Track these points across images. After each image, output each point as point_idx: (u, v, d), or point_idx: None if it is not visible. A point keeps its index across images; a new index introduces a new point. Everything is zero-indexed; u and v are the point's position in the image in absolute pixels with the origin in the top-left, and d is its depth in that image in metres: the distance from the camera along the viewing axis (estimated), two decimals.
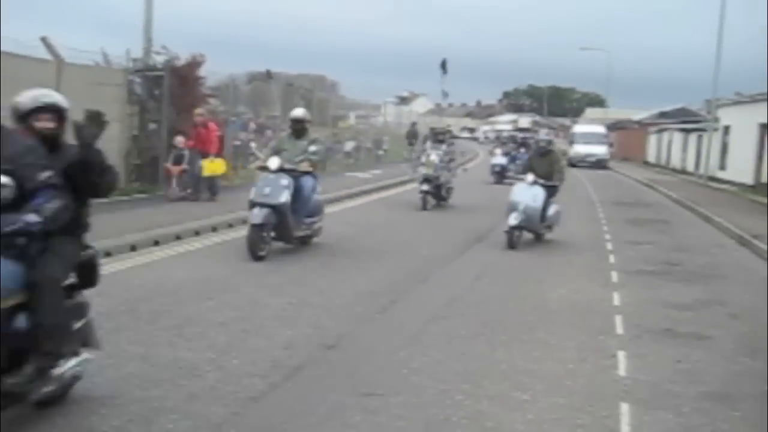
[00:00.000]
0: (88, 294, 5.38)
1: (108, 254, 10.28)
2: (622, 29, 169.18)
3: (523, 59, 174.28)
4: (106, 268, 9.57)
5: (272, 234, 10.78)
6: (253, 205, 10.71)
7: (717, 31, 33.66)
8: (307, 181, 11.33)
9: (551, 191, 13.71)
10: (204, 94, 19.35)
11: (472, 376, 6.20)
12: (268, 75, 27.63)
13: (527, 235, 13.82)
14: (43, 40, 14.79)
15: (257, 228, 10.49)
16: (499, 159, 29.90)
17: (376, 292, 9.12)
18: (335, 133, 32.28)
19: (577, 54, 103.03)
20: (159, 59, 18.05)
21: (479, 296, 9.33)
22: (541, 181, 13.51)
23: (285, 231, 10.96)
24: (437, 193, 18.79)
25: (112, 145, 16.85)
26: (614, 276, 11.08)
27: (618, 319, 8.45)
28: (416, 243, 13.10)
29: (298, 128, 11.85)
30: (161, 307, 7.73)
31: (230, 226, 13.60)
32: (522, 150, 30.17)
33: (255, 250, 10.46)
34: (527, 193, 13.23)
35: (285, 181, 10.85)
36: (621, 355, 7.08)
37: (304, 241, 11.80)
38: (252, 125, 25.37)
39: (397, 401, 5.51)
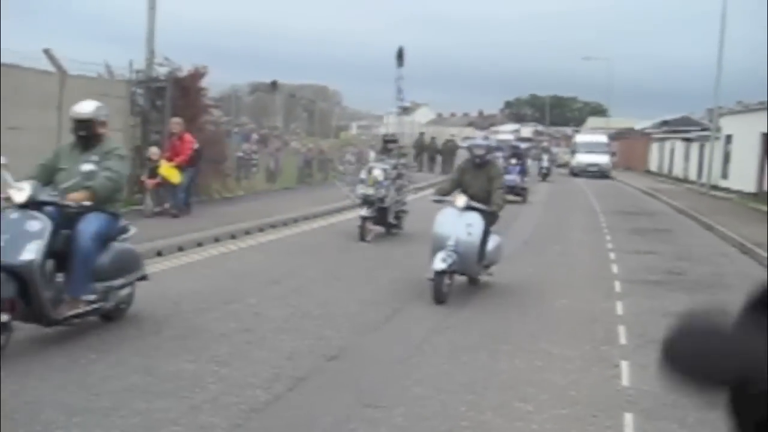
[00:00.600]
0: None
1: None
2: (623, 38, 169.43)
3: (525, 69, 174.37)
4: None
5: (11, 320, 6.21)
6: None
7: (718, 40, 33.70)
8: (89, 224, 6.95)
9: (491, 218, 9.93)
10: (206, 105, 19.40)
11: (475, 387, 6.19)
12: (274, 86, 27.69)
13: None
14: (46, 52, 14.84)
15: None
16: None
17: (379, 301, 9.12)
18: (341, 146, 32.27)
19: (579, 63, 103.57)
20: (161, 70, 18.09)
21: (481, 306, 9.32)
22: (478, 204, 9.75)
23: (35, 306, 6.39)
24: (382, 219, 14.84)
25: None
26: (617, 285, 11.06)
27: (621, 329, 8.43)
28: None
29: (84, 134, 7.52)
30: (164, 319, 7.73)
31: (233, 237, 13.62)
32: (514, 161, 26.67)
33: None
34: (459, 223, 9.52)
35: (36, 224, 6.50)
36: (624, 365, 7.06)
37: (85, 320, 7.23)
38: (254, 136, 25.42)
39: (399, 412, 5.51)
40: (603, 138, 52.47)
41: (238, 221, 14.91)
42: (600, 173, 46.67)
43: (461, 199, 9.68)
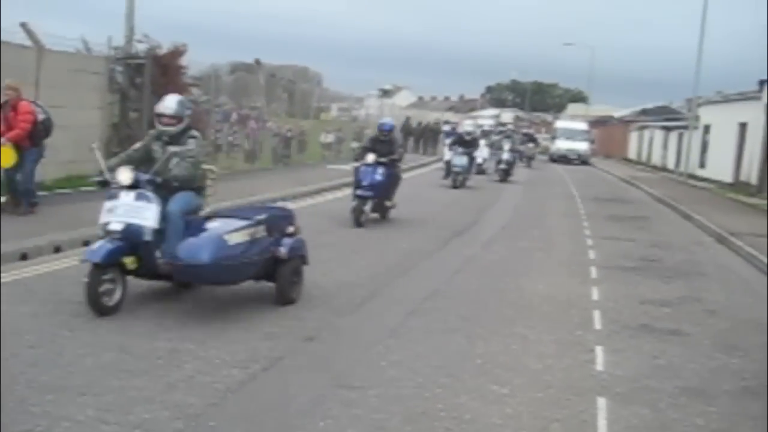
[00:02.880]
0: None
1: (86, 243, 10.22)
2: (605, 27, 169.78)
3: (506, 54, 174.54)
4: None
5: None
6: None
7: (699, 31, 33.88)
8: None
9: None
10: (186, 84, 19.24)
11: (451, 370, 6.21)
12: (257, 64, 27.54)
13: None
14: (23, 26, 14.64)
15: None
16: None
17: (356, 283, 9.13)
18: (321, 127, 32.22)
19: (560, 50, 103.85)
20: (141, 48, 17.93)
21: (458, 290, 9.35)
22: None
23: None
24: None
25: (91, 133, 16.76)
26: (593, 271, 11.13)
27: (596, 315, 8.49)
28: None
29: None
30: (140, 297, 7.69)
31: None
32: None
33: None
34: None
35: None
36: (599, 350, 7.12)
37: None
38: (234, 116, 25.26)
39: (374, 394, 5.52)
40: (583, 125, 52.66)
41: (217, 201, 14.80)
42: (579, 160, 46.89)
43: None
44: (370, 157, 14.10)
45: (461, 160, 23.66)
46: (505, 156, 28.72)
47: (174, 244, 7.27)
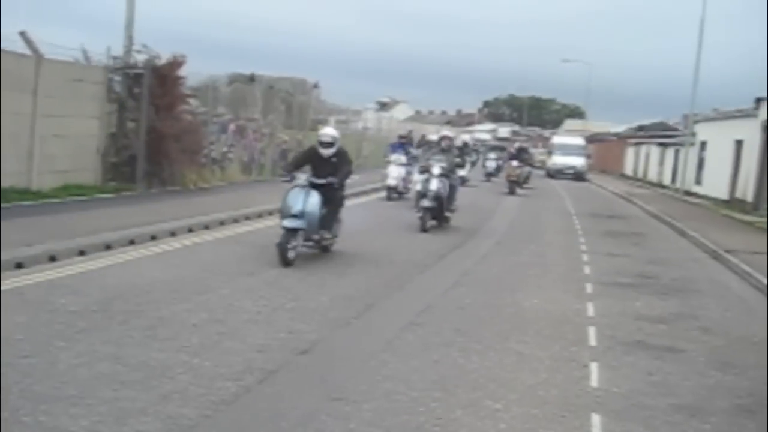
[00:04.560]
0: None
1: (82, 253, 10.22)
2: (603, 43, 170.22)
3: (504, 69, 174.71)
4: (80, 266, 9.55)
5: None
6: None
7: (696, 49, 34.03)
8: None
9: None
10: (184, 94, 19.27)
11: (446, 384, 6.20)
12: (251, 79, 27.59)
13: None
14: (22, 34, 14.66)
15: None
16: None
17: (352, 296, 9.12)
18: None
19: (558, 66, 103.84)
20: (139, 58, 17.98)
21: (454, 304, 9.35)
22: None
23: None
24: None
25: (89, 143, 16.80)
26: (589, 287, 11.13)
27: (591, 331, 8.49)
28: None
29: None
30: (135, 307, 7.68)
31: (206, 227, 13.56)
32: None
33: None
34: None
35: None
36: (593, 366, 7.11)
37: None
38: (232, 126, 25.25)
39: (369, 407, 5.50)
40: (580, 140, 52.75)
41: (212, 212, 14.84)
42: (576, 175, 46.96)
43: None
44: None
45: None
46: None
47: None
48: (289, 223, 10.81)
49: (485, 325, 8.42)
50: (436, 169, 16.33)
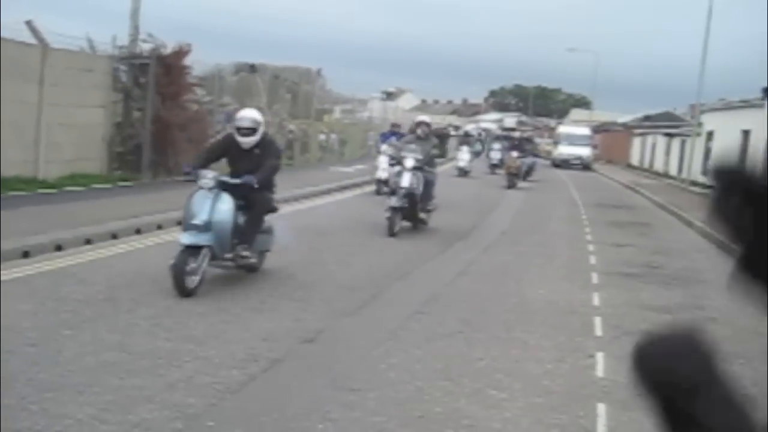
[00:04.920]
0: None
1: (88, 242, 10.24)
2: (609, 32, 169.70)
3: (510, 59, 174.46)
4: (87, 255, 9.57)
5: None
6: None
7: (703, 38, 33.86)
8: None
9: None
10: (189, 84, 19.27)
11: (450, 374, 6.21)
12: (253, 69, 27.57)
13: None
14: (28, 23, 14.67)
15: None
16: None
17: (357, 287, 9.13)
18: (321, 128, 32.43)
19: (564, 55, 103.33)
20: (145, 47, 17.97)
21: (459, 293, 9.35)
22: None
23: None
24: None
25: (95, 132, 16.81)
26: (594, 277, 11.12)
27: (597, 321, 8.48)
28: None
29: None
30: (141, 296, 7.70)
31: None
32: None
33: None
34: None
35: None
36: (599, 356, 7.11)
37: None
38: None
39: (373, 396, 5.51)
40: (586, 130, 52.60)
41: None
42: (582, 165, 46.86)
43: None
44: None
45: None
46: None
47: None
48: (188, 238, 8.08)
49: (490, 314, 8.42)
50: (408, 162, 13.71)
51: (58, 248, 9.78)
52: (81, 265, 9.09)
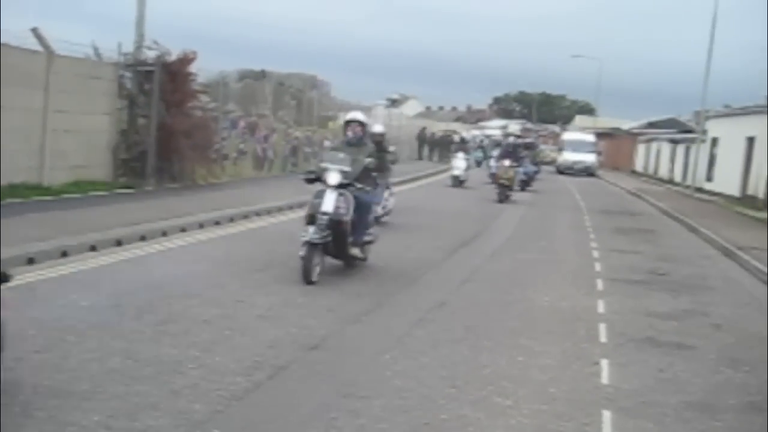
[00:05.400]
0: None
1: (93, 248, 10.26)
2: (613, 39, 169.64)
3: (514, 66, 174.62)
4: (92, 262, 9.59)
5: None
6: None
7: (707, 45, 33.86)
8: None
9: None
10: (194, 91, 19.29)
11: (456, 381, 6.20)
12: (262, 75, 27.68)
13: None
14: (34, 31, 14.71)
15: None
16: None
17: (362, 293, 9.12)
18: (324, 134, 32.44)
19: (568, 62, 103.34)
20: (150, 54, 18.00)
21: (465, 301, 9.34)
22: None
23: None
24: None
25: (100, 139, 16.86)
26: (599, 284, 11.11)
27: (602, 327, 8.47)
28: None
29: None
30: (146, 303, 7.70)
31: (217, 223, 13.59)
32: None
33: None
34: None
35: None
36: (604, 363, 7.10)
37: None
38: (242, 123, 25.29)
39: (379, 404, 5.51)
40: (590, 137, 52.62)
41: (223, 208, 14.87)
42: (586, 171, 46.85)
43: None
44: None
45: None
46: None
47: None
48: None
49: (495, 321, 8.41)
50: (332, 178, 9.82)
51: (64, 255, 9.79)
52: (86, 271, 9.11)
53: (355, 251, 10.48)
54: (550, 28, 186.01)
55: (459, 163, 29.01)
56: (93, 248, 10.27)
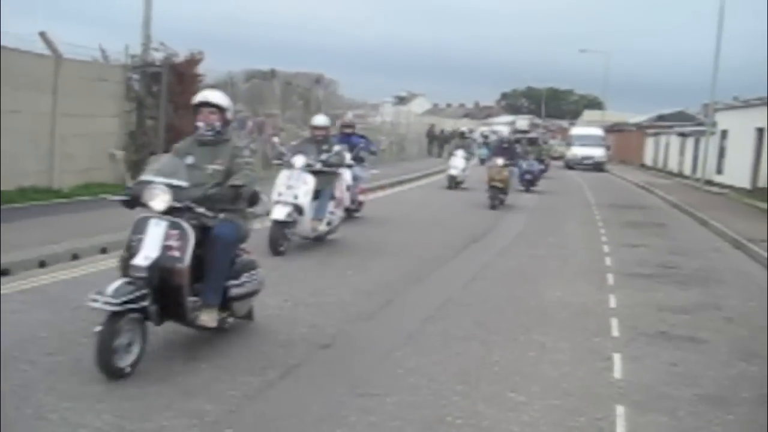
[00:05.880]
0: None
1: (104, 251, 10.29)
2: (620, 33, 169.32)
3: (521, 61, 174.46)
4: (102, 264, 9.61)
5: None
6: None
7: (716, 36, 33.70)
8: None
9: None
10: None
11: (468, 377, 6.19)
12: (272, 74, 27.68)
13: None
14: (42, 35, 14.76)
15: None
16: None
17: (372, 291, 9.12)
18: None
19: (575, 56, 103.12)
20: (157, 56, 18.03)
21: (475, 297, 9.33)
22: None
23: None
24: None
25: (108, 141, 16.91)
26: (610, 278, 11.08)
27: (614, 322, 8.45)
28: None
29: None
30: None
31: None
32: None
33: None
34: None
35: None
36: (616, 357, 7.08)
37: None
38: (250, 123, 25.32)
39: (392, 401, 5.51)
40: (598, 131, 52.51)
41: None
42: (595, 166, 46.76)
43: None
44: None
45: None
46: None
47: None
48: None
49: (507, 317, 8.40)
50: (157, 200, 6.34)
51: (75, 257, 9.83)
52: (97, 273, 9.12)
53: (209, 315, 6.37)
54: (558, 22, 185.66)
55: (457, 162, 25.87)
56: (103, 251, 10.30)
